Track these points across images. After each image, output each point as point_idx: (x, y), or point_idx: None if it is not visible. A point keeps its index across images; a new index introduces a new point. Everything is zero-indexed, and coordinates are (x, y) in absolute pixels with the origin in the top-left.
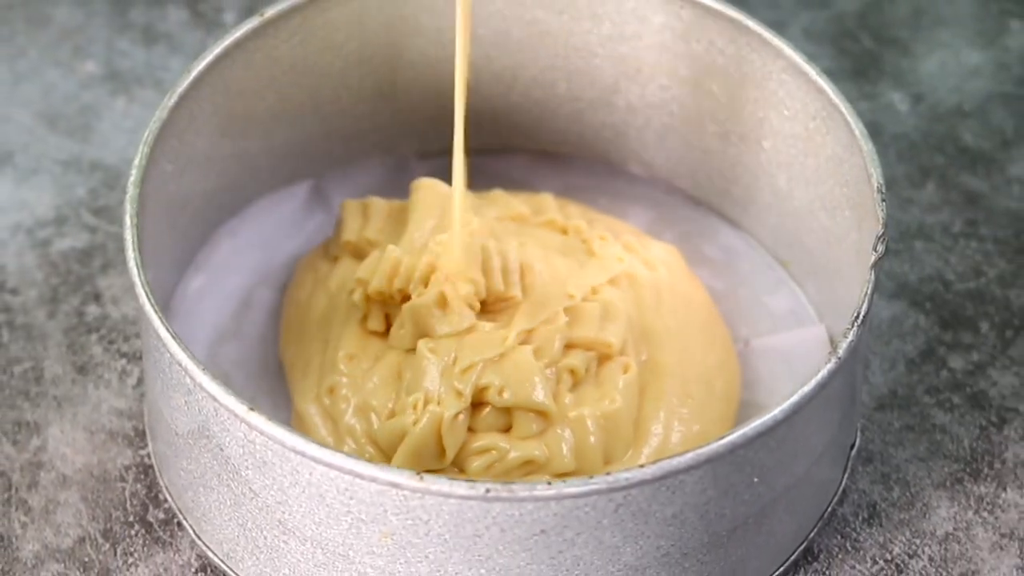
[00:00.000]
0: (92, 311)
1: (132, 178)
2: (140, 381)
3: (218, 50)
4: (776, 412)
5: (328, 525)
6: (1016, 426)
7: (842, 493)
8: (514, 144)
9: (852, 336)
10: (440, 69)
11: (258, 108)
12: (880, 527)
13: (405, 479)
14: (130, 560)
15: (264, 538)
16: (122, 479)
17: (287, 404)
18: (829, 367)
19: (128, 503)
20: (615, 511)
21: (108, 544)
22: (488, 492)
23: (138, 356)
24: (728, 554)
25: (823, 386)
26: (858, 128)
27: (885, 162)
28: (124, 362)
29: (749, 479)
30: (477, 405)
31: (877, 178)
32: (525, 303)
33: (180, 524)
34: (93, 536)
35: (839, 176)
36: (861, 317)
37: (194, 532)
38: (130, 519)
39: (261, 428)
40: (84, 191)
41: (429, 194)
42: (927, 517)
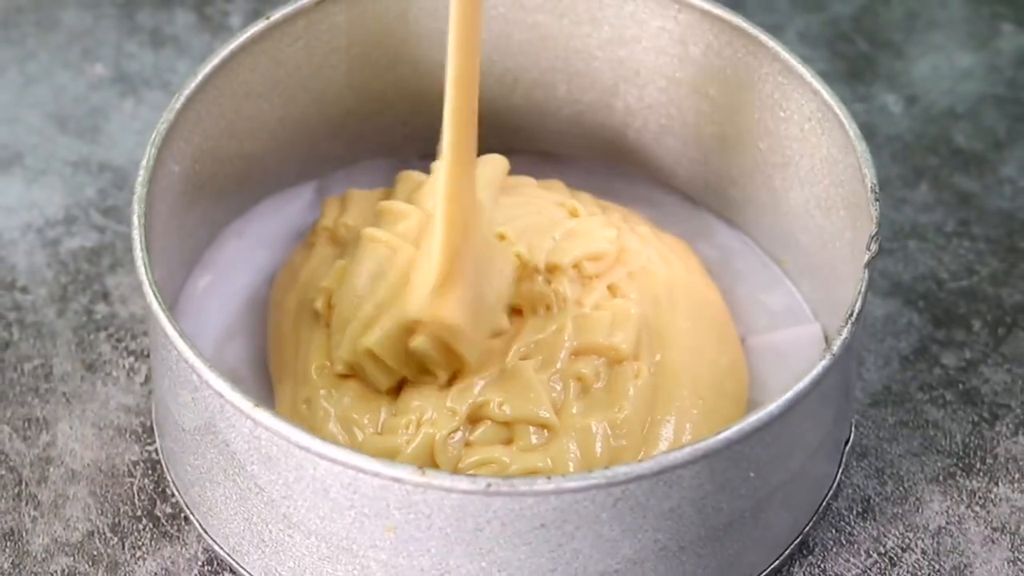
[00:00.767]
0: (101, 309)
1: (140, 178)
2: (148, 378)
3: (224, 53)
4: (772, 408)
5: (332, 519)
6: (1008, 422)
7: (837, 488)
8: (515, 145)
9: (846, 333)
10: (442, 72)
11: (263, 110)
12: (874, 521)
13: (408, 474)
14: (138, 554)
15: (269, 532)
16: (130, 474)
17: None
18: (824, 364)
19: (136, 498)
20: (614, 505)
21: (116, 538)
22: (489, 487)
23: (146, 354)
24: (725, 547)
25: (818, 382)
26: (852, 129)
27: (879, 163)
28: (132, 359)
29: (745, 474)
30: (475, 420)
31: (871, 178)
32: (531, 317)
33: (187, 518)
34: (102, 530)
35: (834, 176)
36: (855, 315)
37: (201, 526)
38: (138, 513)
39: (266, 424)
40: (93, 191)
41: (413, 185)
42: (920, 511)
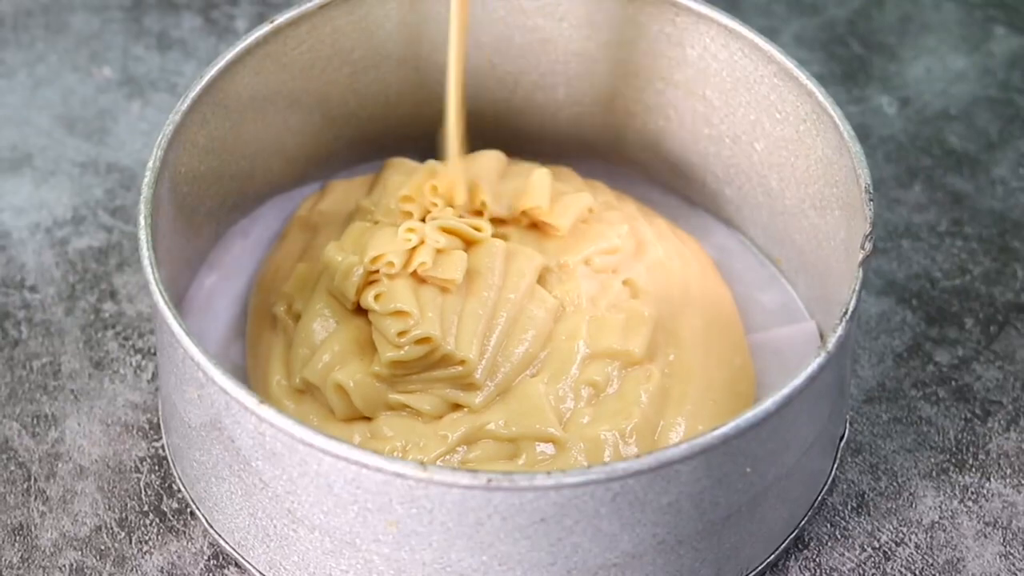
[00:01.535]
0: (108, 308)
1: (147, 179)
2: (154, 376)
3: (230, 56)
4: (768, 404)
5: (335, 514)
6: (999, 418)
7: (832, 483)
8: (516, 146)
9: (841, 331)
10: (443, 75)
11: (268, 112)
12: (868, 516)
13: (410, 470)
14: (145, 548)
15: (274, 527)
16: (137, 470)
17: None
18: (819, 361)
19: (143, 493)
20: (612, 500)
21: (124, 533)
22: (490, 482)
23: (152, 351)
24: (722, 541)
25: (813, 379)
26: (847, 131)
27: (873, 163)
28: (139, 357)
29: (742, 469)
30: (472, 441)
31: (865, 179)
32: (548, 355)
33: (193, 513)
34: (109, 525)
35: (829, 177)
36: (849, 313)
37: (206, 521)
38: (145, 509)
39: (271, 420)
40: (101, 192)
41: (400, 170)
42: (913, 506)
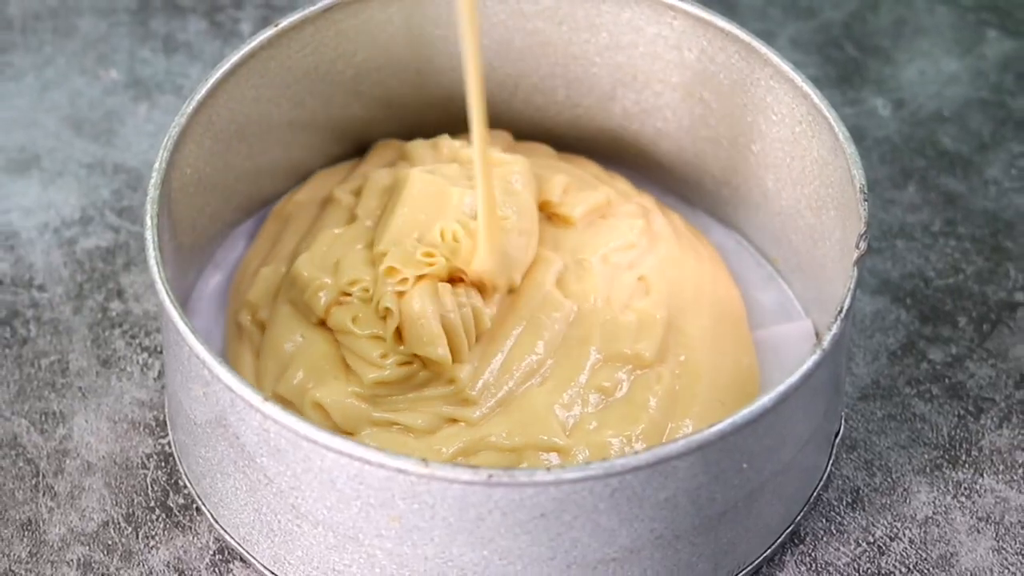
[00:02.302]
0: (115, 307)
1: (153, 180)
2: (161, 373)
3: (235, 59)
4: (764, 401)
5: (339, 509)
6: (992, 415)
7: (827, 479)
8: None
9: (836, 329)
10: (445, 77)
11: (272, 114)
12: (863, 511)
13: (412, 466)
14: (151, 543)
15: (278, 522)
16: (144, 466)
17: None
18: (814, 358)
19: (149, 489)
20: (611, 495)
21: (130, 528)
22: (491, 478)
23: (159, 350)
24: (719, 536)
25: (808, 376)
26: (842, 132)
27: (868, 164)
28: (146, 355)
29: (738, 465)
30: (472, 452)
31: (860, 179)
32: (558, 361)
33: (199, 509)
34: (116, 520)
35: (824, 177)
36: (844, 311)
37: (212, 517)
38: (151, 504)
39: (275, 417)
40: (108, 192)
41: (388, 150)
42: (907, 502)
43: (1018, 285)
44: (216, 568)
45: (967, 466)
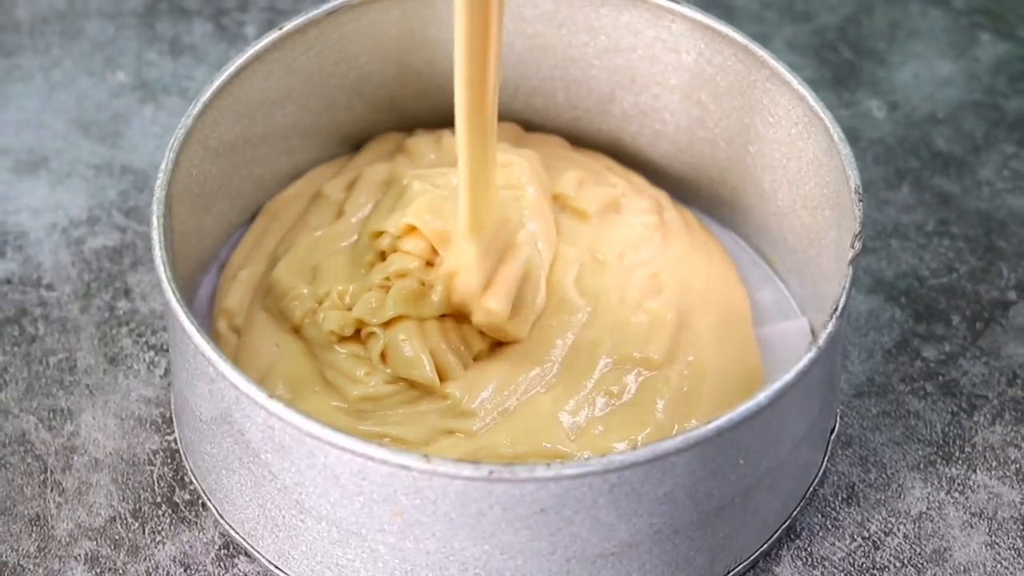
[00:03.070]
0: (122, 306)
1: (159, 181)
2: (167, 371)
3: (240, 61)
4: (760, 398)
5: (342, 505)
6: (985, 412)
7: (823, 475)
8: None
9: (831, 327)
10: (448, 80)
11: (277, 116)
12: (858, 507)
13: (414, 461)
14: (158, 538)
15: (283, 517)
16: (150, 463)
17: None
18: (810, 356)
19: (156, 485)
20: (610, 491)
21: (137, 523)
22: (491, 473)
23: (165, 348)
24: (716, 531)
25: (804, 374)
26: (837, 133)
27: (863, 165)
28: (152, 353)
29: (735, 461)
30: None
31: (855, 180)
32: (565, 367)
33: (204, 505)
34: (123, 516)
35: (819, 178)
36: (839, 309)
37: (217, 512)
38: (158, 500)
39: (279, 414)
40: (115, 193)
41: (384, 143)
42: (902, 497)
43: (1010, 284)
44: (221, 563)
45: (960, 462)
